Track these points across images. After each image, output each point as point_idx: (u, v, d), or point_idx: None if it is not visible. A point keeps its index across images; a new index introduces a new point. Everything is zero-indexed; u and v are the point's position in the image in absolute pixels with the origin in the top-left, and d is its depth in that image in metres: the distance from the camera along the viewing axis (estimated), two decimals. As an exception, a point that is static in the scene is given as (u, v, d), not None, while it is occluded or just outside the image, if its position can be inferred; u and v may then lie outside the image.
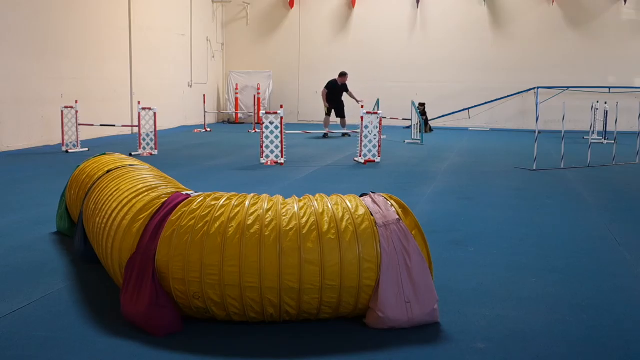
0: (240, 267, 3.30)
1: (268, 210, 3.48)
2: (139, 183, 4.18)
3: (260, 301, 3.34)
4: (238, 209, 3.49)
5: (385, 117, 13.16)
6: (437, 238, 5.54)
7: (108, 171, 4.78)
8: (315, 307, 3.41)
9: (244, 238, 3.34)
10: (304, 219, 3.43)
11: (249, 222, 3.40)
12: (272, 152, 10.72)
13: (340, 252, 3.36)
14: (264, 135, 10.69)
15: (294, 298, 3.35)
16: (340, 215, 3.49)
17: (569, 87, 19.60)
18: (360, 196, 3.80)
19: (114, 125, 14.30)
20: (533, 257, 5.06)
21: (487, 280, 4.43)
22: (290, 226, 3.39)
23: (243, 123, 21.30)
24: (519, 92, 20.35)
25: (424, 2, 20.78)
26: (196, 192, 3.92)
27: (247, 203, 3.54)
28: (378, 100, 16.58)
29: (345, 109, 16.50)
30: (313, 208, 3.52)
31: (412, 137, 15.41)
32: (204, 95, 19.11)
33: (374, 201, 3.65)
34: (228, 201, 3.57)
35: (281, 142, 10.74)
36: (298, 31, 21.78)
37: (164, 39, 18.15)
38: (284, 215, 3.45)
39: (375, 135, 11.22)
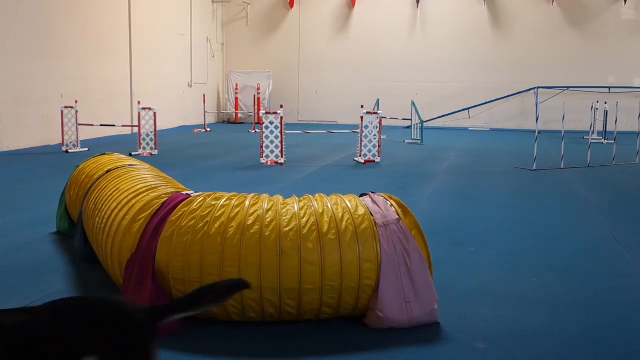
0: (240, 268, 3.30)
1: (268, 210, 3.47)
2: (139, 183, 4.17)
3: (260, 301, 3.34)
4: (238, 209, 3.48)
5: (385, 117, 13.15)
6: (437, 238, 5.54)
7: (108, 171, 4.77)
8: (316, 308, 3.41)
9: (244, 238, 3.34)
10: (304, 220, 3.43)
11: (249, 222, 3.40)
12: (272, 152, 10.72)
13: (341, 253, 3.35)
14: (264, 135, 10.70)
15: (294, 298, 3.35)
16: (340, 215, 3.48)
17: (569, 87, 19.59)
18: (360, 196, 3.80)
19: (114, 125, 14.29)
20: (533, 257, 5.06)
21: (487, 280, 4.43)
22: (291, 226, 3.38)
23: (243, 123, 21.29)
24: (519, 92, 20.34)
25: (424, 2, 20.78)
26: (196, 192, 3.92)
27: (247, 203, 3.54)
28: (378, 100, 16.57)
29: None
30: (313, 208, 3.51)
31: (412, 137, 15.40)
32: (204, 95, 19.12)
33: (373, 201, 3.65)
34: (228, 201, 3.57)
35: (281, 142, 10.74)
36: (298, 31, 21.78)
37: (164, 39, 18.15)
38: (284, 216, 3.44)
39: (375, 135, 11.21)
